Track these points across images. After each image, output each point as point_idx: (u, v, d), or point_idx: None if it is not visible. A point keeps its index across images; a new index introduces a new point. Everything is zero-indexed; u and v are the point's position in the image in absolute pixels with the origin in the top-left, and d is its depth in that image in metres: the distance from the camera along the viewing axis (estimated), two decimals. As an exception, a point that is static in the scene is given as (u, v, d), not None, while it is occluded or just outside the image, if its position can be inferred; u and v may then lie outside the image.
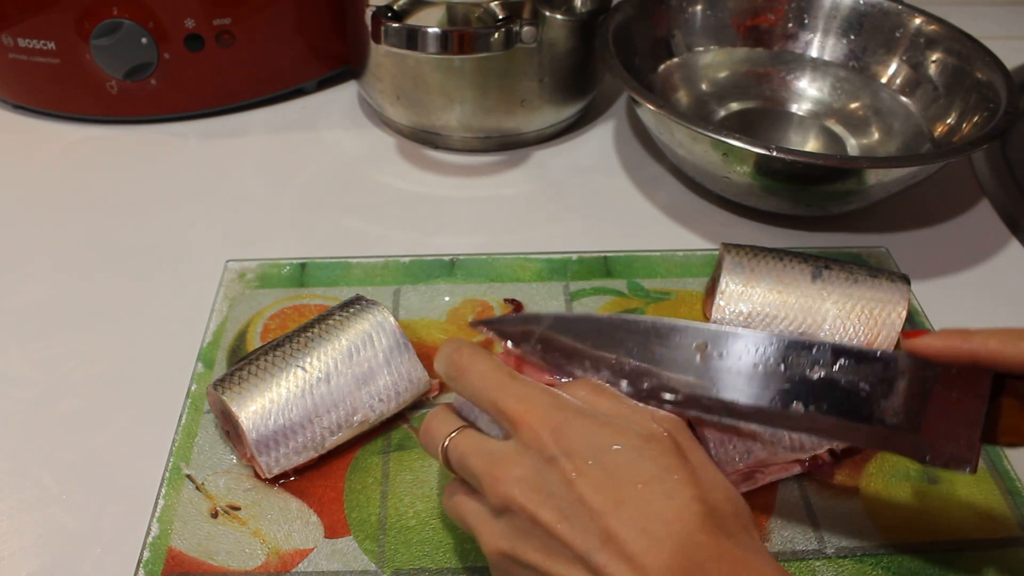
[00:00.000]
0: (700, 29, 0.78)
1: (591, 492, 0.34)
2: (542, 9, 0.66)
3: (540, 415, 0.36)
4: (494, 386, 0.38)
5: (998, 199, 0.70)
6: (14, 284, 0.60)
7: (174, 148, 0.73)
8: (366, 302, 0.51)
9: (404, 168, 0.72)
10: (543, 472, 0.35)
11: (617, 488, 0.34)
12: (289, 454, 0.46)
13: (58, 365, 0.54)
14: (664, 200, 0.69)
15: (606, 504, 0.33)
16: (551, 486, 0.35)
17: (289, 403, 0.46)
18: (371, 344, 0.49)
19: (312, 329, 0.49)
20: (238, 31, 0.72)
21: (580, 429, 0.36)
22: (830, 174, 0.60)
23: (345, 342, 0.49)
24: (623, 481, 0.34)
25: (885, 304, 0.54)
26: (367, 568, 0.44)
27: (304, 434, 0.47)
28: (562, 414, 0.36)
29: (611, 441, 0.35)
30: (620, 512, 0.33)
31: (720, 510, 0.35)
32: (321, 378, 0.47)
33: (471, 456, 0.38)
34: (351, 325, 0.49)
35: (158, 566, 0.43)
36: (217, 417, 0.49)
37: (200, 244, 0.63)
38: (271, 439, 0.46)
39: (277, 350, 0.48)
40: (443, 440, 0.39)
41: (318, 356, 0.48)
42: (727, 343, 0.40)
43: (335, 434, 0.48)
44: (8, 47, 0.70)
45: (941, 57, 0.72)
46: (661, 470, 0.35)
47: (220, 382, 0.47)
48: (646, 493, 0.34)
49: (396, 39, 0.61)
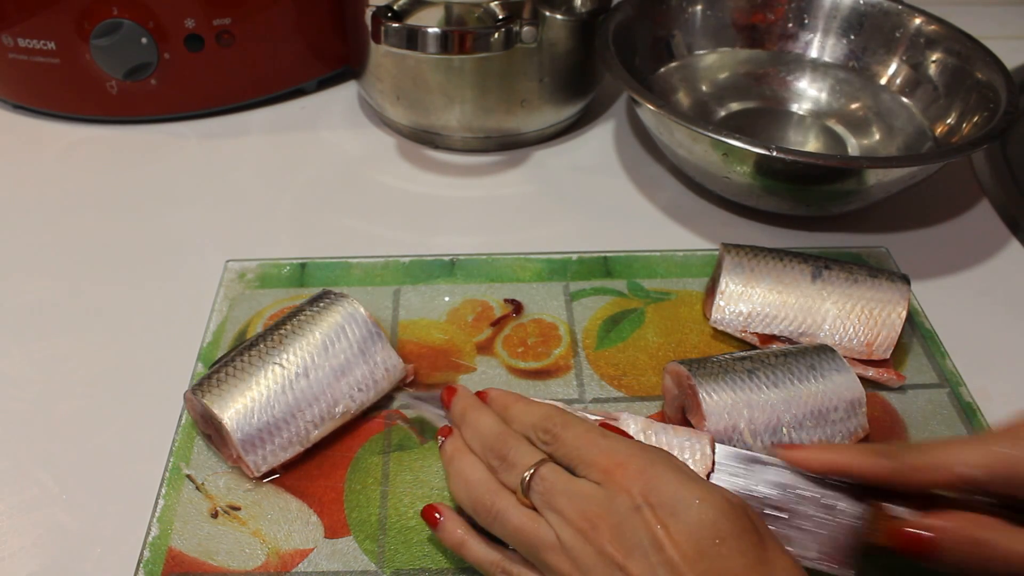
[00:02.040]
0: (700, 29, 0.78)
1: (671, 544, 0.35)
2: (542, 9, 0.66)
3: (630, 466, 0.38)
4: (587, 444, 0.40)
5: (998, 199, 0.70)
6: (14, 284, 0.60)
7: (174, 148, 0.73)
8: (335, 295, 0.52)
9: (404, 168, 0.72)
10: (630, 520, 0.36)
11: (697, 542, 0.35)
12: (276, 451, 0.47)
13: (58, 365, 0.54)
14: (664, 200, 0.69)
15: (685, 558, 0.35)
16: (638, 536, 0.36)
17: (270, 400, 0.47)
18: (344, 336, 0.49)
19: (285, 326, 0.50)
20: (238, 31, 0.72)
21: (667, 481, 0.37)
22: (830, 174, 0.60)
23: (319, 335, 0.49)
24: (703, 536, 0.35)
25: (885, 304, 0.54)
26: (367, 568, 0.44)
27: (288, 429, 0.47)
28: (653, 467, 0.38)
29: (694, 495, 0.37)
30: (698, 566, 0.35)
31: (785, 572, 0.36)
32: (300, 373, 0.48)
33: (561, 496, 0.38)
34: (323, 319, 0.50)
35: (158, 566, 0.43)
36: (197, 423, 0.49)
37: (200, 244, 0.63)
38: (256, 437, 0.46)
39: (252, 349, 0.48)
40: (526, 471, 0.40)
41: (294, 352, 0.48)
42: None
43: (319, 427, 0.48)
44: (8, 47, 0.70)
45: (941, 57, 0.72)
46: (739, 530, 0.36)
47: (198, 387, 0.47)
48: (723, 550, 0.35)
49: (396, 39, 0.61)
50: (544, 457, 0.40)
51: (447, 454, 0.43)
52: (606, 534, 0.37)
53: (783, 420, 0.47)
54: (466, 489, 0.42)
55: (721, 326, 0.55)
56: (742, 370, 0.48)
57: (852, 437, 0.48)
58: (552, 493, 0.39)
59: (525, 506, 0.40)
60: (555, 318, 0.57)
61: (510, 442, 0.41)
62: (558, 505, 0.38)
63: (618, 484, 0.37)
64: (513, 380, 0.53)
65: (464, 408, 0.44)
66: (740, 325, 0.55)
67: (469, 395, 0.45)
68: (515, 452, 0.41)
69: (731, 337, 0.56)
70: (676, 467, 0.38)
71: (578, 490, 0.38)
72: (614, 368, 0.54)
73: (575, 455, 0.40)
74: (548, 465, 0.40)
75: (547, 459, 0.40)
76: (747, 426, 0.46)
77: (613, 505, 0.37)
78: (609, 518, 0.37)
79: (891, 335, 0.53)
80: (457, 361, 0.54)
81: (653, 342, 0.56)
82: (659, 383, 0.53)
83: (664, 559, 0.35)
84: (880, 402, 0.53)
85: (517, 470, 0.40)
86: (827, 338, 0.54)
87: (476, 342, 0.56)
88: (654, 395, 0.52)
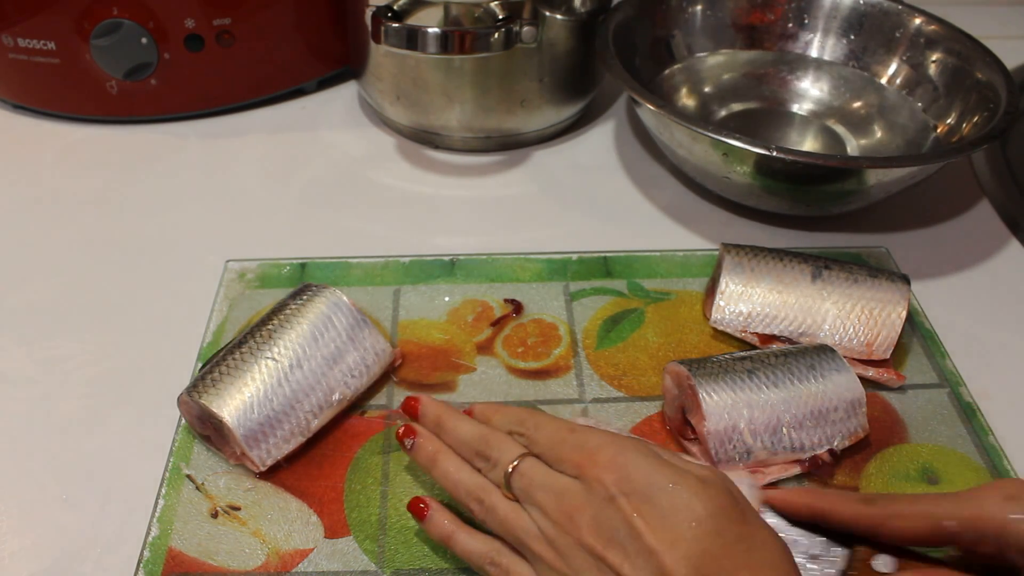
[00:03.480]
0: (700, 29, 0.78)
1: (648, 531, 0.36)
2: (542, 9, 0.66)
3: (601, 457, 0.39)
4: (558, 443, 0.41)
5: (998, 199, 0.70)
6: (14, 284, 0.60)
7: (174, 148, 0.73)
8: (316, 287, 0.52)
9: (404, 168, 0.72)
10: (605, 511, 0.37)
11: (673, 527, 0.36)
12: (279, 443, 0.47)
13: (58, 365, 0.54)
14: (664, 200, 0.69)
15: (663, 543, 0.35)
16: (615, 526, 0.37)
17: (268, 394, 0.47)
18: (332, 325, 0.50)
19: (271, 321, 0.50)
20: (238, 31, 0.72)
21: (639, 468, 0.38)
22: (830, 174, 0.60)
23: (307, 327, 0.50)
24: (678, 520, 0.36)
25: (885, 304, 0.54)
26: (367, 568, 0.44)
27: (289, 421, 0.47)
28: (623, 456, 0.38)
29: (668, 480, 0.37)
30: (675, 551, 0.35)
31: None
32: (293, 364, 0.48)
33: (539, 491, 0.39)
34: (309, 311, 0.50)
35: (158, 566, 0.43)
36: (193, 426, 0.49)
37: (200, 244, 0.63)
38: (258, 432, 0.46)
39: (242, 347, 0.49)
40: (507, 465, 0.41)
41: (284, 345, 0.49)
42: None
43: (318, 416, 0.48)
44: (8, 47, 0.70)
45: (941, 57, 0.72)
46: (716, 509, 0.36)
47: (193, 388, 0.47)
48: (699, 532, 0.35)
49: (396, 39, 0.61)
50: (525, 452, 0.41)
51: (427, 455, 0.44)
52: (584, 526, 0.37)
53: (783, 420, 0.47)
54: (455, 488, 0.43)
55: (721, 326, 0.55)
56: (742, 370, 0.48)
57: (852, 437, 0.48)
58: (531, 488, 0.40)
59: (509, 499, 0.41)
60: (555, 318, 0.57)
61: (492, 441, 0.42)
62: (537, 499, 0.39)
63: (592, 476, 0.38)
64: (513, 380, 0.53)
65: (438, 414, 0.45)
66: (740, 325, 0.55)
67: (436, 402, 0.46)
68: (497, 451, 0.42)
69: (731, 337, 0.56)
70: (647, 452, 0.39)
71: (555, 484, 0.39)
72: (614, 368, 0.54)
73: (550, 455, 0.41)
74: (528, 460, 0.41)
75: (528, 454, 0.41)
76: (747, 426, 0.46)
77: (589, 497, 0.38)
78: (586, 510, 0.38)
79: (891, 335, 0.53)
80: (457, 361, 0.54)
81: (653, 342, 0.56)
82: (659, 383, 0.53)
83: (641, 547, 0.35)
84: (880, 402, 0.53)
85: (500, 467, 0.41)
86: (827, 338, 0.54)
87: (476, 342, 0.56)
88: (654, 395, 0.52)
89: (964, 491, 0.39)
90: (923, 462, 0.49)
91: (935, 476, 0.49)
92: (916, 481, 0.48)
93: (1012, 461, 0.49)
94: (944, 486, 0.48)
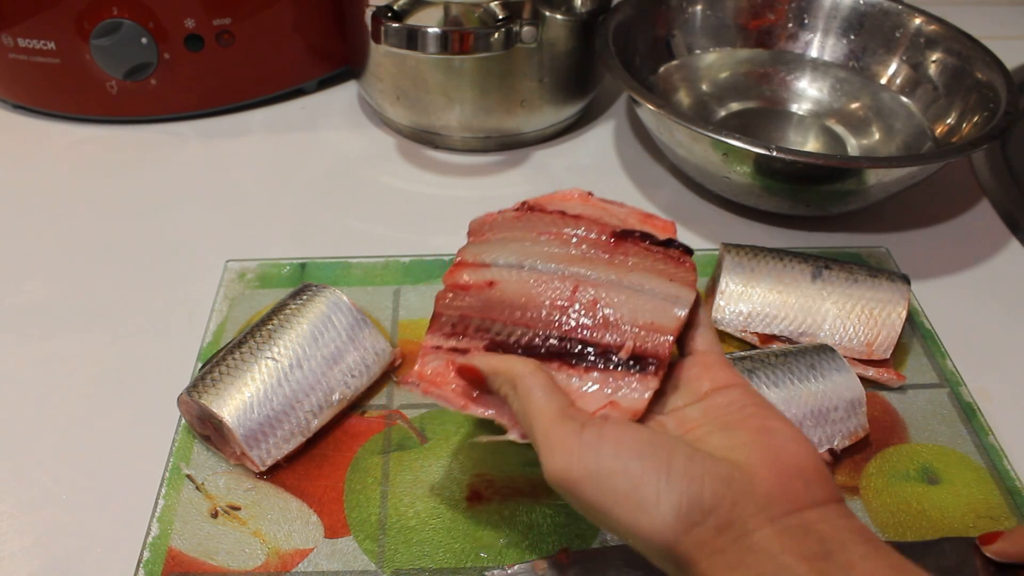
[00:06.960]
0: (700, 29, 0.78)
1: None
2: (542, 9, 0.66)
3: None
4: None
5: (998, 199, 0.70)
6: (14, 284, 0.60)
7: (174, 148, 0.73)
8: (316, 287, 0.52)
9: (404, 168, 0.72)
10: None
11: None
12: (278, 443, 0.47)
13: (58, 365, 0.54)
14: (664, 200, 0.69)
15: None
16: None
17: (268, 394, 0.47)
18: (332, 325, 0.50)
19: (271, 321, 0.50)
20: (238, 31, 0.72)
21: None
22: (830, 174, 0.60)
23: (307, 327, 0.50)
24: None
25: (885, 304, 0.54)
26: (367, 568, 0.44)
27: (289, 421, 0.47)
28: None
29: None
30: None
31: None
32: (293, 364, 0.48)
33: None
34: (308, 310, 0.50)
35: (158, 566, 0.43)
36: (192, 425, 0.49)
37: (200, 244, 0.63)
38: (258, 432, 0.46)
39: (242, 347, 0.49)
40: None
41: (284, 345, 0.49)
42: None
43: (318, 416, 0.48)
44: (8, 47, 0.70)
45: (941, 57, 0.72)
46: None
47: (193, 388, 0.47)
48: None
49: (396, 39, 0.61)
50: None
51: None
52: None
53: (783, 420, 0.47)
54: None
55: (721, 326, 0.55)
56: (742, 370, 0.48)
57: (852, 437, 0.48)
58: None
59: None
60: (555, 318, 0.57)
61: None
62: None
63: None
64: (513, 380, 0.53)
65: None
66: (740, 325, 0.55)
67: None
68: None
69: (731, 337, 0.56)
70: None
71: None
72: (614, 368, 0.54)
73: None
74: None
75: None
76: (747, 426, 0.46)
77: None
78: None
79: (891, 335, 0.53)
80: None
81: (653, 342, 0.56)
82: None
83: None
84: (880, 402, 0.53)
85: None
86: (827, 338, 0.54)
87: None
88: (654, 395, 0.52)
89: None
90: (923, 462, 0.49)
91: (935, 476, 0.49)
92: (916, 481, 0.48)
93: (1012, 461, 0.49)
94: (944, 486, 0.48)
